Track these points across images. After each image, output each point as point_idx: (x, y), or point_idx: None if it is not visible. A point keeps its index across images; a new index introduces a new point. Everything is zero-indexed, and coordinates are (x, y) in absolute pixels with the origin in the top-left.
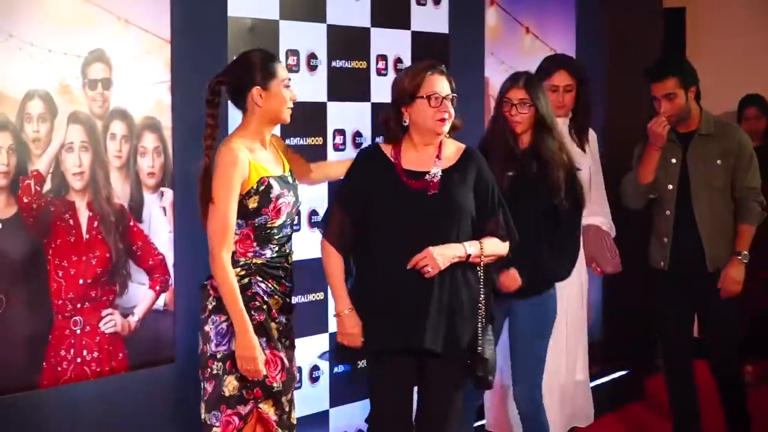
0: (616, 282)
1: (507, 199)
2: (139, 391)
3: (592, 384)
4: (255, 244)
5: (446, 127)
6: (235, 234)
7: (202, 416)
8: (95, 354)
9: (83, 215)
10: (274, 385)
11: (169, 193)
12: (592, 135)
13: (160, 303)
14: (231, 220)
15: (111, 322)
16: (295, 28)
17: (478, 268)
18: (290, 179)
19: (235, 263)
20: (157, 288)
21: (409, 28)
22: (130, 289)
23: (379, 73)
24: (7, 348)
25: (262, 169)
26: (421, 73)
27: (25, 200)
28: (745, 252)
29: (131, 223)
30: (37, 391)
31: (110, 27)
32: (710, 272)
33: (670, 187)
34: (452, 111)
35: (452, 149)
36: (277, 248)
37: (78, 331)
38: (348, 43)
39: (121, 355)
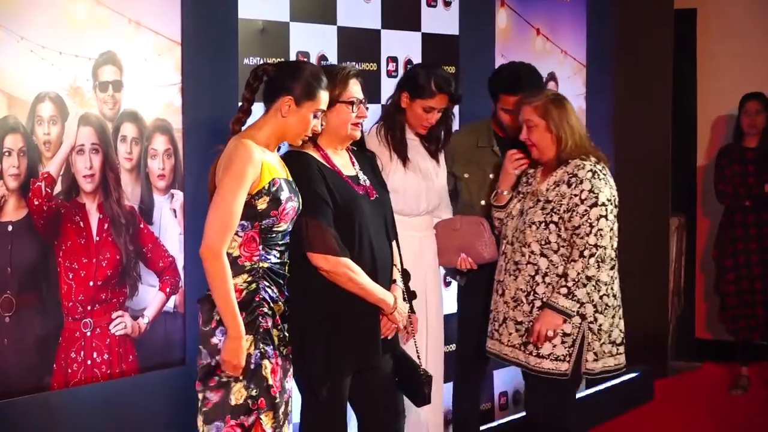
0: (625, 284)
1: None
2: (150, 394)
3: (603, 386)
4: (261, 247)
5: (359, 133)
6: (238, 236)
7: (200, 429)
8: (105, 356)
9: (94, 217)
10: (276, 396)
11: (179, 195)
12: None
13: (170, 305)
14: (236, 215)
15: (121, 324)
16: (306, 30)
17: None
18: (293, 185)
19: (239, 268)
20: (168, 290)
21: (419, 30)
22: (140, 291)
23: (389, 75)
24: (17, 350)
25: (273, 169)
26: (343, 78)
27: (36, 202)
28: None
29: (141, 225)
30: (48, 393)
31: (121, 29)
32: None
33: (483, 203)
34: (367, 114)
35: None
36: (278, 254)
37: (88, 333)
38: (358, 44)
39: (131, 357)
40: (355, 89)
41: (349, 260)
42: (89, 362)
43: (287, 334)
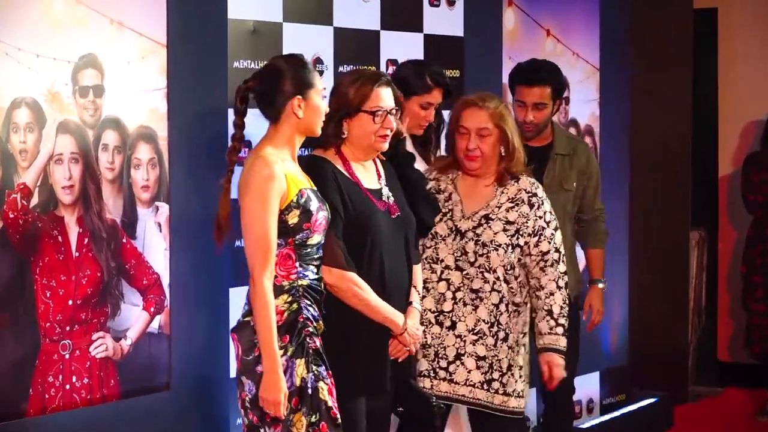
0: (643, 302)
1: None
2: (133, 420)
3: (618, 412)
4: (297, 264)
5: (386, 145)
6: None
7: None
8: (85, 380)
9: (73, 231)
10: (337, 418)
11: (164, 207)
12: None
13: (154, 325)
14: (272, 239)
15: (102, 346)
16: (300, 31)
17: None
18: (318, 193)
19: (278, 290)
20: (152, 309)
21: (421, 31)
22: (122, 311)
23: None
24: None
25: (297, 180)
26: (368, 85)
27: (11, 215)
28: (604, 279)
29: (124, 240)
30: (24, 419)
31: (102, 30)
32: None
33: None
34: (394, 126)
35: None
36: (315, 269)
37: (67, 356)
38: (356, 46)
39: (113, 381)
40: (382, 98)
41: (355, 275)
42: (68, 387)
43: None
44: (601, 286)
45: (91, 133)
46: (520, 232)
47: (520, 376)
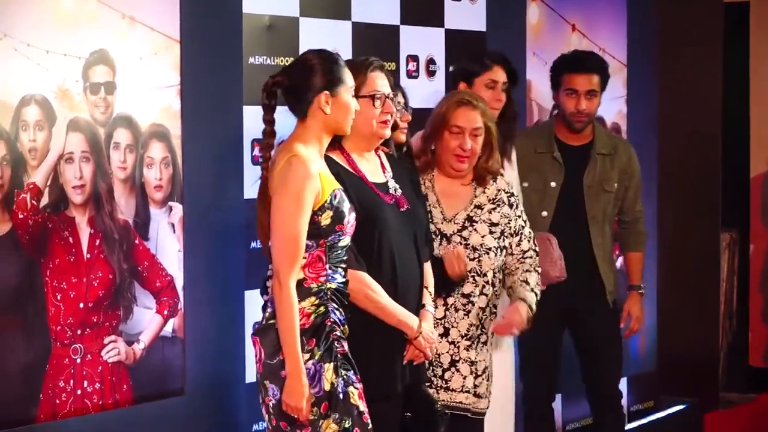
0: (671, 306)
1: None
2: (146, 426)
3: (646, 419)
4: (327, 266)
5: (389, 131)
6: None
7: None
8: (97, 385)
9: (84, 232)
10: (368, 422)
11: (178, 208)
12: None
13: (168, 329)
14: (302, 241)
15: (114, 350)
16: (317, 26)
17: None
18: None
19: (306, 292)
20: (165, 312)
21: (442, 26)
22: (135, 314)
23: (409, 75)
24: (0, 378)
25: (331, 181)
26: (362, 71)
27: (21, 216)
28: (643, 285)
29: (136, 241)
30: (34, 425)
31: (114, 25)
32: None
33: (545, 214)
34: (395, 111)
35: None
36: (343, 272)
37: (78, 360)
38: (375, 42)
39: (125, 386)
40: (379, 83)
41: (365, 275)
42: (79, 392)
43: None
44: (641, 292)
45: (103, 131)
46: (505, 234)
47: (489, 376)
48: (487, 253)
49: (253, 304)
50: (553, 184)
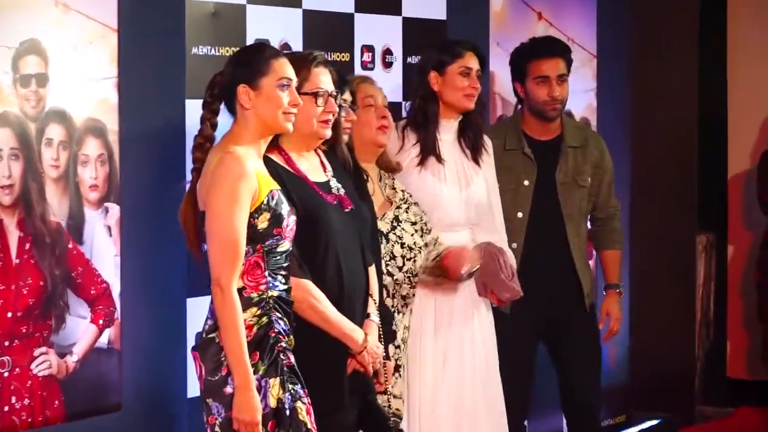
0: (644, 313)
1: None
2: None
3: None
4: (267, 273)
5: (329, 131)
6: None
7: None
8: (26, 401)
9: (13, 236)
10: None
11: (115, 209)
12: (486, 140)
13: (103, 340)
14: (242, 243)
15: (45, 363)
16: (265, 14)
17: None
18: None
19: (246, 302)
20: (101, 322)
21: (400, 14)
22: (68, 324)
23: (364, 66)
24: None
25: (268, 180)
26: (305, 65)
27: None
28: (621, 284)
29: (70, 245)
30: None
31: (46, 13)
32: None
33: (520, 215)
34: (337, 109)
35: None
36: (284, 279)
37: (6, 374)
38: (328, 31)
39: (57, 402)
40: (322, 79)
41: (310, 283)
42: (6, 408)
43: None
44: (618, 291)
45: (34, 127)
46: (423, 230)
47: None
48: (420, 252)
49: (196, 312)
50: (526, 182)
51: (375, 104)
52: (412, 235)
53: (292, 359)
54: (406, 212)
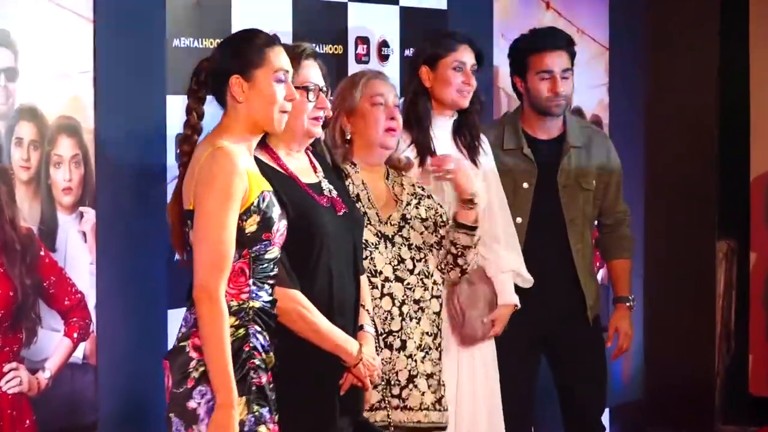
0: (660, 325)
1: None
2: None
3: None
4: (251, 282)
5: (320, 129)
6: None
7: None
8: None
9: None
10: None
11: (90, 213)
12: (483, 139)
13: (78, 354)
14: (231, 246)
15: (15, 379)
16: (253, 4)
17: None
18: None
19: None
20: (75, 335)
21: (397, 3)
22: (40, 337)
23: (359, 60)
24: None
25: (260, 180)
26: (294, 59)
27: None
28: (632, 296)
29: (42, 253)
30: None
31: (16, 2)
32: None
33: (519, 220)
34: (328, 105)
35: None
36: (269, 290)
37: None
38: (320, 22)
39: (28, 421)
40: (312, 72)
41: (299, 293)
42: None
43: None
44: (629, 305)
45: (2, 125)
46: (438, 225)
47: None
48: (431, 251)
49: (178, 324)
50: (525, 185)
51: (385, 103)
52: (421, 233)
53: (264, 379)
54: (417, 208)
